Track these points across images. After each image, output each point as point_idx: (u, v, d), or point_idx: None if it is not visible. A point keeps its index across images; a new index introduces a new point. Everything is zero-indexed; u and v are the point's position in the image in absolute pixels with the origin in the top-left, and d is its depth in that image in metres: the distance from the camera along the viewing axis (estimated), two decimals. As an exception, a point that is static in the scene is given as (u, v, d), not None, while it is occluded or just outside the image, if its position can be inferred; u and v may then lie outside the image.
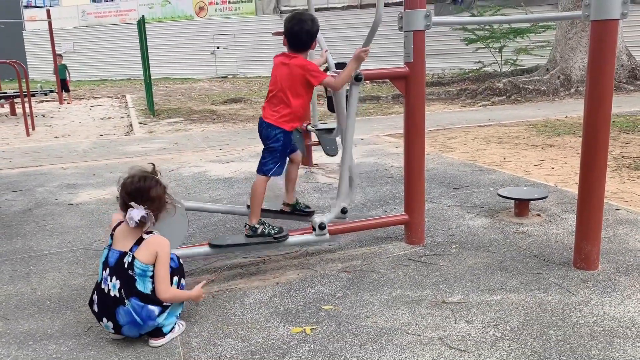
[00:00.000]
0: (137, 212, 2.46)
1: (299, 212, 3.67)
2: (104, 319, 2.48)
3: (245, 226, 3.29)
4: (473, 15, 19.13)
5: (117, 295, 2.43)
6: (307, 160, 6.25)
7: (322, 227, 3.30)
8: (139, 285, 2.44)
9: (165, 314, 2.51)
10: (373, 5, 23.94)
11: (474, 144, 7.31)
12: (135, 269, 2.45)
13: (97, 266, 3.43)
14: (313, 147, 6.25)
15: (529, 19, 4.51)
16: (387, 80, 3.70)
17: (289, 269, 3.32)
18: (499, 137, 7.76)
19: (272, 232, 3.25)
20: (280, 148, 3.24)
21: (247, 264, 3.41)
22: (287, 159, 3.44)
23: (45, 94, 19.00)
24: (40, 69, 29.21)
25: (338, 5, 25.58)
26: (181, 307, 2.65)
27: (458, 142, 7.49)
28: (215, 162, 6.73)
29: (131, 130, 10.60)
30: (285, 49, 3.28)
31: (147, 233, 2.55)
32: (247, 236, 3.25)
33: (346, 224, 3.51)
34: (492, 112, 10.94)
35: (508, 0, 20.29)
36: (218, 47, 27.91)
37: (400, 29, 3.38)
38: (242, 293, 3.00)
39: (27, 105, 11.11)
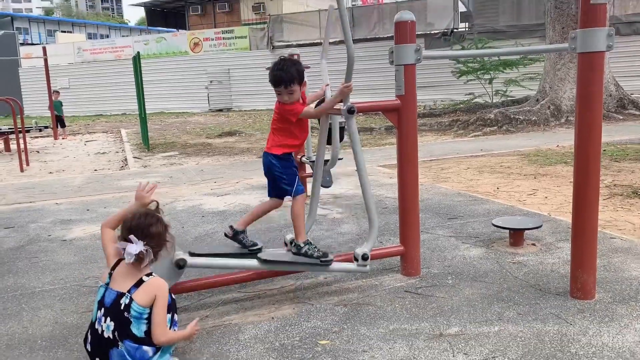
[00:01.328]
0: (135, 247, 2.41)
1: (239, 242, 3.50)
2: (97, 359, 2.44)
3: (291, 244, 3.35)
4: (463, 48, 19.50)
5: (111, 336, 2.38)
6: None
7: (365, 257, 3.29)
8: (134, 329, 2.39)
9: (158, 354, 2.45)
10: (365, 40, 24.44)
11: (467, 174, 7.35)
12: (132, 312, 2.39)
13: (91, 303, 3.40)
14: (308, 179, 6.26)
15: (518, 52, 4.61)
16: (380, 112, 3.75)
17: (285, 303, 3.29)
18: (491, 167, 7.81)
19: (318, 254, 3.29)
20: (280, 170, 3.31)
21: (241, 299, 3.38)
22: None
23: (40, 130, 19.06)
24: (35, 105, 29.34)
25: (331, 40, 26.01)
26: (174, 344, 2.62)
27: (451, 172, 7.54)
28: (210, 195, 6.73)
29: (126, 164, 10.61)
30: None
31: (148, 275, 2.49)
32: (294, 254, 3.29)
33: (341, 256, 3.50)
34: (484, 143, 11.04)
35: (497, 34, 20.73)
36: (211, 81, 28.19)
37: (392, 62, 3.45)
38: (237, 328, 2.97)
39: (21, 141, 11.13)
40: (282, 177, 3.33)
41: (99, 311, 2.44)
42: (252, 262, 3.22)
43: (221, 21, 35.78)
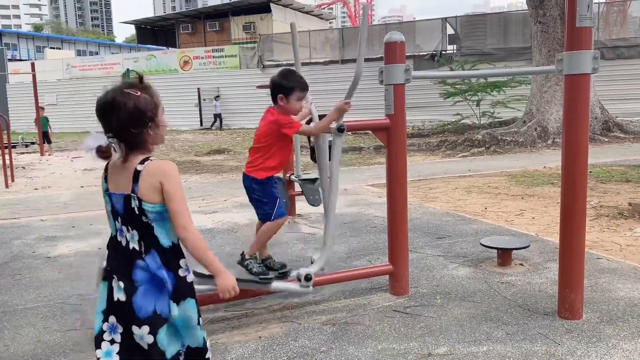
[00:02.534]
0: (92, 141, 1.89)
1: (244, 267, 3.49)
2: (115, 278, 1.92)
3: (241, 253, 3.41)
4: (452, 69, 19.76)
5: (137, 247, 1.92)
6: (291, 211, 6.24)
7: (308, 278, 3.25)
8: (160, 235, 1.93)
9: (179, 306, 1.94)
10: (353, 61, 24.63)
11: (455, 194, 7.39)
12: (148, 214, 1.90)
13: (74, 321, 3.35)
14: (296, 197, 6.25)
15: (505, 73, 4.68)
16: (369, 131, 3.76)
17: (272, 322, 3.25)
18: (479, 187, 7.86)
19: (257, 270, 3.31)
20: (261, 195, 3.33)
21: (228, 318, 3.34)
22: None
23: (27, 146, 18.90)
24: (22, 121, 29.15)
25: (320, 60, 26.26)
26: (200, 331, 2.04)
27: (439, 192, 7.57)
28: (198, 213, 6.68)
29: (113, 181, 10.52)
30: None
31: (142, 162, 1.92)
32: (237, 262, 3.34)
33: (330, 275, 3.48)
34: (472, 163, 11.12)
35: (484, 56, 21.06)
36: (204, 99, 28.22)
37: (381, 82, 3.48)
38: (224, 348, 2.93)
39: (7, 157, 11.01)
40: (263, 201, 3.35)
41: (116, 222, 1.97)
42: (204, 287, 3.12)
43: (211, 40, 36.00)
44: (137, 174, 1.89)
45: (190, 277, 1.99)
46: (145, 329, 1.87)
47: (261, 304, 3.50)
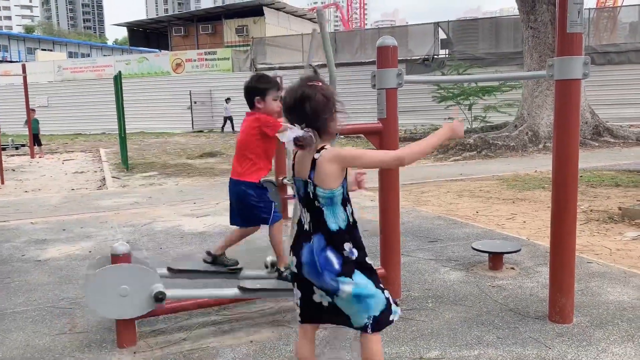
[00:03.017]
0: (291, 133, 2.07)
1: (220, 264, 3.54)
2: (291, 253, 2.22)
3: (272, 267, 3.40)
4: (443, 74, 19.84)
5: (308, 228, 2.14)
6: (283, 214, 6.23)
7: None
8: (329, 220, 2.10)
9: (348, 280, 2.08)
10: (347, 64, 24.72)
11: (447, 198, 7.41)
12: (320, 199, 2.09)
13: (64, 325, 3.33)
14: (289, 201, 6.24)
15: (497, 78, 4.70)
16: (362, 135, 3.77)
17: (264, 326, 3.24)
18: (471, 191, 7.89)
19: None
20: (256, 199, 3.31)
21: (220, 322, 3.33)
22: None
23: (17, 148, 18.77)
24: (12, 123, 28.94)
25: (315, 64, 26.27)
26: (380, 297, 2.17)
27: (431, 196, 7.59)
28: (189, 216, 6.66)
29: (104, 184, 10.48)
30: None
31: (319, 151, 2.10)
32: (277, 279, 3.34)
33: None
34: (464, 167, 11.17)
35: (476, 61, 21.16)
36: (195, 102, 28.17)
37: (374, 86, 3.49)
38: (215, 352, 2.91)
39: (-3, 159, 10.93)
40: (259, 207, 3.33)
41: (299, 204, 2.21)
42: (233, 291, 3.18)
43: (204, 42, 35.94)
44: (314, 162, 2.10)
45: (354, 256, 2.15)
46: (319, 292, 2.16)
47: (253, 308, 3.49)
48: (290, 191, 6.02)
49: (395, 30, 28.27)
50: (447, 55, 23.59)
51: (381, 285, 2.19)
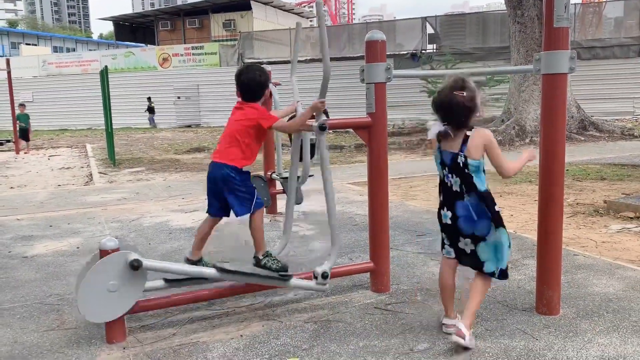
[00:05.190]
0: (436, 128, 2.76)
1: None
2: (445, 208, 2.83)
3: (253, 257, 3.35)
4: (432, 68, 19.91)
5: (458, 190, 2.75)
6: (273, 209, 6.23)
7: (324, 276, 3.25)
8: (477, 183, 2.71)
9: (499, 228, 2.72)
10: (335, 59, 24.68)
11: (435, 192, 7.41)
12: (470, 167, 2.70)
13: (52, 321, 3.30)
14: (278, 196, 6.25)
15: (484, 72, 4.73)
16: (351, 129, 3.78)
17: (254, 320, 3.25)
18: (459, 185, 7.93)
19: (277, 267, 3.28)
20: (239, 183, 3.26)
21: (210, 317, 3.32)
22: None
23: (1, 144, 18.53)
24: (-4, 118, 28.57)
25: (301, 58, 26.24)
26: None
27: (420, 190, 7.63)
28: (177, 211, 6.64)
29: (91, 180, 10.39)
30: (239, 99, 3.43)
31: (470, 129, 2.72)
32: (253, 265, 3.29)
33: (311, 272, 3.48)
34: (452, 161, 11.21)
35: (463, 56, 21.25)
36: (179, 97, 28.02)
37: (362, 81, 3.49)
38: (205, 347, 2.91)
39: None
40: (241, 191, 3.25)
41: (443, 170, 2.81)
42: (210, 271, 3.17)
43: (191, 37, 35.70)
44: (466, 138, 2.72)
45: (501, 213, 2.78)
46: (468, 241, 2.80)
47: (242, 303, 3.49)
48: (279, 186, 6.02)
49: (383, 25, 28.29)
50: (434, 50, 23.65)
51: (511, 244, 2.83)
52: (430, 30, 23.87)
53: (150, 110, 27.87)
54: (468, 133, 2.72)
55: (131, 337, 3.04)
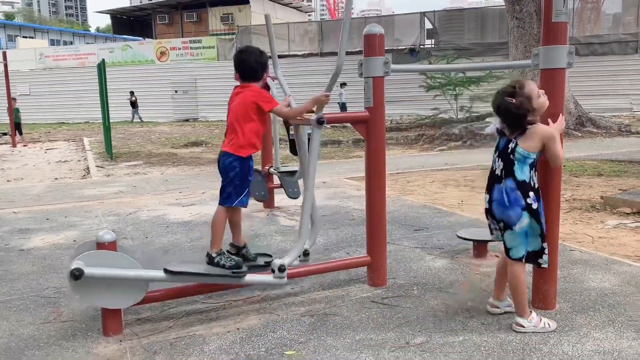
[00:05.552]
0: (495, 125, 2.97)
1: (245, 259, 3.53)
2: (486, 192, 3.01)
3: (206, 255, 3.28)
4: (430, 63, 19.88)
5: (499, 174, 2.91)
6: (270, 203, 6.23)
7: (282, 269, 3.19)
8: (517, 170, 2.84)
9: (528, 219, 2.83)
10: (333, 54, 24.64)
11: (432, 187, 7.46)
12: (517, 155, 2.83)
13: (49, 314, 3.31)
14: (275, 190, 6.24)
15: (482, 67, 4.72)
16: (348, 124, 3.77)
17: (250, 313, 3.25)
18: (456, 181, 7.95)
19: (231, 264, 3.21)
20: (238, 175, 3.24)
21: (206, 310, 3.33)
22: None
23: (-2, 137, 18.44)
24: (-7, 111, 28.45)
25: (299, 53, 26.17)
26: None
27: (417, 185, 7.63)
28: (175, 205, 6.63)
29: (88, 173, 10.37)
30: (238, 83, 3.40)
31: (531, 124, 2.84)
32: (207, 264, 3.23)
33: (308, 267, 3.49)
34: (449, 157, 11.24)
35: (462, 51, 21.22)
36: (176, 91, 27.94)
37: (361, 75, 3.48)
38: (202, 340, 2.92)
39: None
40: (235, 180, 3.23)
41: (494, 154, 2.97)
42: (158, 273, 3.01)
43: (189, 31, 35.56)
44: (524, 130, 2.85)
45: (535, 205, 2.86)
46: (501, 225, 2.95)
47: (239, 296, 3.50)
48: (276, 180, 6.02)
49: (381, 20, 28.18)
50: (433, 46, 23.61)
51: (545, 238, 2.91)
52: (428, 25, 23.82)
53: (133, 104, 27.66)
54: (528, 127, 2.84)
55: (128, 329, 3.04)
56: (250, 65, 3.32)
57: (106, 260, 2.89)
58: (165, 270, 3.02)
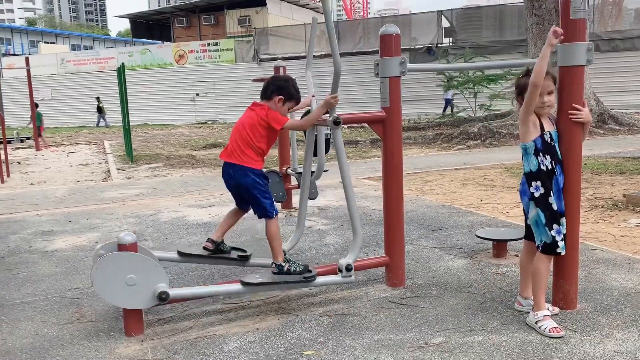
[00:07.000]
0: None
1: (221, 252, 3.61)
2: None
3: (271, 265, 3.35)
4: (448, 62, 19.74)
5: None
6: (288, 204, 6.26)
7: (348, 268, 3.33)
8: (524, 163, 2.96)
9: (535, 208, 2.93)
10: (349, 54, 24.58)
11: (451, 187, 7.41)
12: (521, 151, 2.99)
13: (72, 314, 3.37)
14: (293, 191, 6.27)
15: (500, 65, 4.69)
16: (366, 124, 3.78)
17: (269, 314, 3.27)
18: (475, 180, 7.89)
19: (301, 270, 3.31)
20: (263, 189, 3.33)
21: (226, 310, 3.36)
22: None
23: (22, 141, 18.85)
24: (16, 116, 29.02)
25: (316, 54, 26.21)
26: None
27: (435, 185, 7.59)
28: (194, 207, 6.69)
29: (109, 176, 10.52)
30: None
31: (521, 104, 2.99)
32: (275, 274, 3.30)
33: (327, 267, 3.50)
34: (468, 156, 11.15)
35: (480, 49, 21.04)
36: (197, 94, 28.18)
37: (377, 75, 3.48)
38: (222, 339, 2.95)
39: (2, 152, 10.99)
40: (266, 196, 3.33)
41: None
42: (236, 287, 3.20)
43: (206, 33, 35.82)
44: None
45: (539, 193, 2.94)
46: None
47: (258, 296, 3.52)
48: (294, 181, 6.04)
49: (398, 19, 28.11)
50: (450, 44, 23.45)
51: (554, 226, 2.92)
52: (446, 23, 23.66)
53: (99, 110, 27.79)
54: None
55: (149, 330, 3.09)
56: (269, 87, 3.40)
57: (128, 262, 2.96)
58: (242, 282, 3.18)
